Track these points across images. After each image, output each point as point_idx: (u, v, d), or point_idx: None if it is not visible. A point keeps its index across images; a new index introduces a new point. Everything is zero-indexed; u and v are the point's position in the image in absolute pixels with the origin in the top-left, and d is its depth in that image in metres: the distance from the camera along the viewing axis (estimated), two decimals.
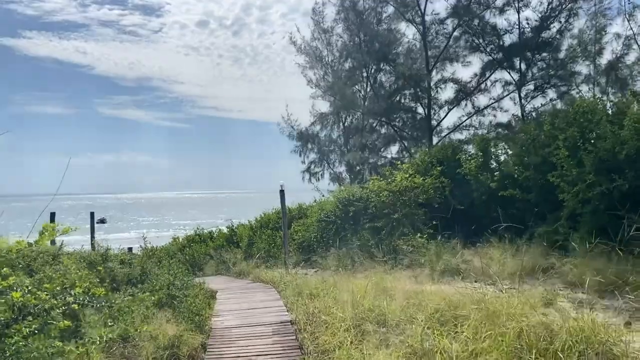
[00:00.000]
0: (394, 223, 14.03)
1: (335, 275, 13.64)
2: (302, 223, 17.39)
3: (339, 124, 35.12)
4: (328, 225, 15.39)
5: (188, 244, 20.27)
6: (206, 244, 19.44)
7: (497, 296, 8.79)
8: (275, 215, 20.34)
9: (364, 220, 14.55)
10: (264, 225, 19.92)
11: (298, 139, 35.57)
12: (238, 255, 17.02)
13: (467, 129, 23.41)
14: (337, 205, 15.34)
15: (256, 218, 21.18)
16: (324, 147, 35.27)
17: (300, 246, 16.24)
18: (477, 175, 14.91)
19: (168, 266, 14.00)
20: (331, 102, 35.13)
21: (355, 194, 15.26)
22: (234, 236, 19.31)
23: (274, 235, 17.94)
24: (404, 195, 14.60)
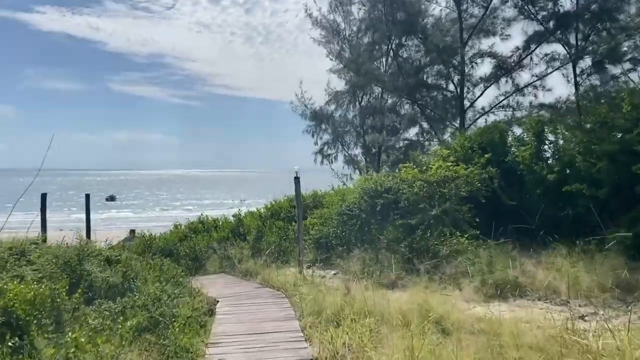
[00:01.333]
0: (431, 220, 11.51)
1: (359, 282, 11.22)
2: (318, 215, 14.89)
3: (355, 103, 32.50)
4: (350, 220, 12.89)
5: (190, 234, 17.89)
6: (210, 234, 17.04)
7: (598, 333, 6.36)
8: (287, 203, 17.86)
9: (394, 216, 12.03)
10: (275, 215, 17.45)
11: (311, 119, 33.00)
12: (245, 251, 14.58)
13: (505, 110, 20.72)
14: (362, 196, 12.80)
15: (266, 206, 18.72)
16: (339, 127, 32.71)
17: (316, 242, 13.77)
18: (530, 165, 12.34)
19: (160, 268, 11.59)
20: (347, 80, 32.47)
21: (383, 183, 12.71)
22: (240, 227, 16.91)
23: (286, 227, 15.48)
24: (442, 187, 12.06)
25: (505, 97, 20.42)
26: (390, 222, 11.95)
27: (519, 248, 10.76)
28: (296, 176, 13.08)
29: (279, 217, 17.24)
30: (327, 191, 18.63)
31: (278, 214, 17.47)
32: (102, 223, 76.85)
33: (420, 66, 23.21)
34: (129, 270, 10.26)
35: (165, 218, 78.36)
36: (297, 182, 13.09)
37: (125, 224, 76.49)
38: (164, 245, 17.40)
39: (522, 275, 9.90)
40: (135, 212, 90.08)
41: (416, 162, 14.42)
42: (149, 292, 8.77)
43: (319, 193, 18.45)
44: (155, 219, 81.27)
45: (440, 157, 13.58)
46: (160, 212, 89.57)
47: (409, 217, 11.77)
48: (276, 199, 19.22)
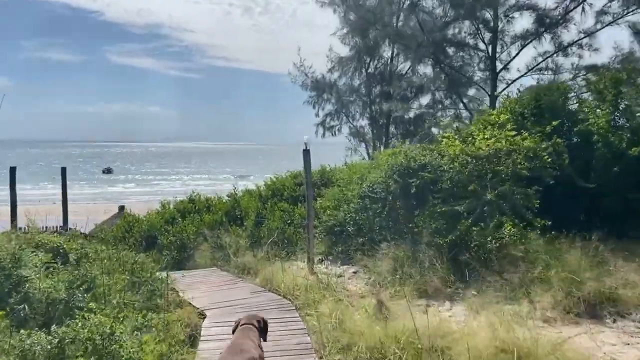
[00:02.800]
0: (485, 207, 8.67)
1: (390, 286, 8.43)
2: (330, 196, 11.94)
3: (361, 70, 29.40)
4: (374, 204, 9.95)
5: (178, 215, 15.00)
6: (201, 217, 14.14)
7: None
8: (291, 181, 14.93)
9: (433, 201, 9.14)
10: (277, 194, 14.54)
11: (312, 89, 29.92)
12: (242, 240, 11.71)
13: (541, 73, 17.74)
14: (390, 175, 9.86)
15: (265, 183, 15.80)
16: (344, 97, 29.68)
17: (329, 231, 10.91)
18: (606, 135, 9.44)
19: (132, 268, 8.69)
20: (352, 45, 29.31)
21: (417, 159, 9.75)
22: (236, 209, 13.99)
23: (290, 210, 12.62)
24: (496, 164, 9.16)
25: (545, 58, 17.39)
26: (428, 208, 9.08)
27: (607, 246, 7.94)
28: (305, 148, 10.18)
29: (281, 197, 14.34)
30: (338, 167, 15.73)
31: (280, 193, 14.57)
32: (96, 197, 74.02)
33: (447, 21, 19.85)
34: (82, 274, 7.38)
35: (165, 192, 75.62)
36: (307, 155, 10.18)
37: (123, 198, 73.72)
38: (148, 229, 14.55)
39: (623, 286, 7.12)
40: (132, 185, 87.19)
41: (454, 130, 11.50)
42: (102, 316, 5.92)
43: (327, 169, 15.52)
44: (153, 193, 78.47)
45: (488, 125, 10.59)
46: (158, 185, 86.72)
47: (453, 203, 8.90)
48: (277, 174, 16.33)
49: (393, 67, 28.53)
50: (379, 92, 29.21)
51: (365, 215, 10.03)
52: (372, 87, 29.12)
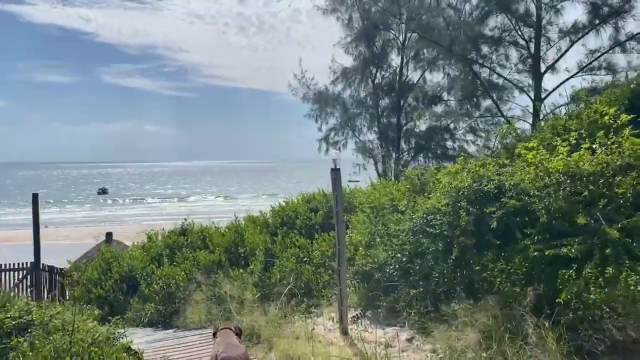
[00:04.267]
0: (606, 249, 5.83)
1: None
2: (362, 230, 8.96)
3: (367, 81, 26.70)
4: (432, 242, 7.02)
5: (167, 251, 11.99)
6: (194, 254, 11.09)
7: None
8: (304, 206, 11.99)
9: (524, 238, 6.22)
10: (287, 223, 11.60)
11: (315, 101, 27.22)
12: (247, 292, 8.68)
13: (596, 73, 14.96)
14: (455, 201, 6.96)
15: (273, 209, 12.88)
16: (349, 109, 26.96)
17: (365, 277, 8.00)
18: None
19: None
20: (357, 55, 26.66)
21: (492, 178, 6.78)
22: (239, 244, 10.98)
23: (308, 245, 9.73)
24: (608, 186, 6.32)
25: (601, 54, 14.63)
26: (518, 249, 6.21)
27: None
28: (334, 167, 7.31)
29: (293, 226, 11.41)
30: (358, 187, 12.85)
31: (292, 221, 11.64)
32: (89, 219, 70.80)
33: (481, 16, 16.94)
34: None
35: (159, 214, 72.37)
36: (337, 176, 7.30)
37: (117, 220, 70.46)
38: (129, 269, 11.55)
39: None
40: (127, 206, 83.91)
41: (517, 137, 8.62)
42: None
43: (345, 190, 12.62)
44: (147, 214, 75.24)
45: (565, 132, 7.75)
46: (154, 207, 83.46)
47: (555, 242, 6.04)
48: (287, 198, 13.42)
49: (403, 77, 25.91)
50: (388, 104, 26.56)
51: (419, 258, 7.12)
52: (379, 99, 26.45)
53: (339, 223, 7.18)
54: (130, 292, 11.16)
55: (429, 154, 25.54)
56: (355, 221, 9.76)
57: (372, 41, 26.00)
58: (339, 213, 7.15)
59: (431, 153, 25.28)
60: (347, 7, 26.27)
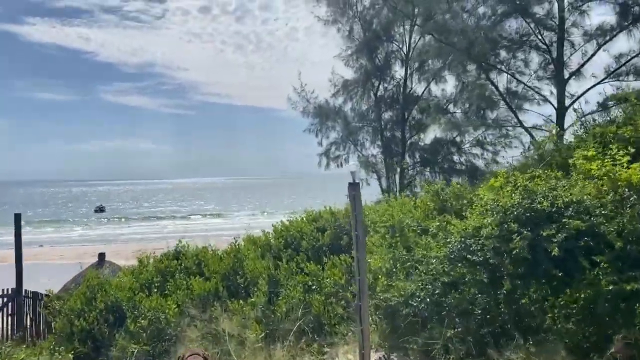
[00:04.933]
0: None
1: None
2: (383, 255, 7.63)
3: (369, 93, 25.62)
4: (473, 271, 5.64)
5: (159, 277, 10.62)
6: (187, 281, 9.73)
7: None
8: (309, 226, 10.71)
9: (592, 270, 4.89)
10: (292, 244, 10.29)
11: (315, 115, 26.08)
12: (249, 331, 7.32)
13: (623, 79, 13.77)
14: (504, 220, 5.48)
15: (275, 228, 11.57)
16: (351, 123, 25.81)
17: (390, 312, 6.69)
18: None
19: None
20: (358, 67, 25.61)
21: (548, 193, 5.40)
22: (238, 271, 9.22)
23: (318, 272, 8.43)
24: None
25: (630, 59, 13.47)
26: (586, 281, 4.94)
27: None
28: (353, 181, 6.07)
29: (298, 249, 10.13)
30: (371, 204, 11.59)
31: (297, 242, 10.36)
32: (85, 238, 69.25)
33: (499, 19, 15.66)
34: None
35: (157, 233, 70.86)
36: (356, 191, 6.03)
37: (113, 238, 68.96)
38: (115, 299, 10.20)
39: None
40: (124, 225, 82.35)
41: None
42: None
43: (368, 207, 11.29)
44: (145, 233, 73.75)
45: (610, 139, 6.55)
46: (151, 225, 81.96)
47: (628, 271, 4.80)
48: (290, 215, 12.13)
49: (407, 89, 24.81)
50: (391, 117, 25.43)
51: (455, 290, 5.85)
52: (382, 112, 25.32)
53: (359, 249, 5.91)
54: (117, 325, 9.81)
55: (435, 168, 24.38)
56: (370, 243, 8.48)
57: (375, 53, 24.97)
58: (360, 237, 5.89)
59: (438, 167, 24.10)
60: (348, 19, 25.28)
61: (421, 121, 24.70)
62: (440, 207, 8.81)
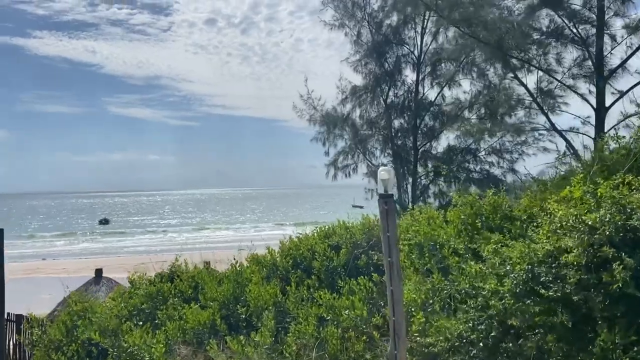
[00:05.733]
0: None
1: None
2: (417, 284, 6.13)
3: (379, 100, 24.27)
4: (547, 310, 4.17)
5: (149, 303, 9.17)
6: (182, 308, 8.27)
7: None
8: (322, 244, 9.27)
9: None
10: (301, 265, 8.88)
11: (322, 123, 24.74)
12: None
13: None
14: (591, 242, 4.09)
15: (282, 245, 10.12)
16: (360, 130, 24.45)
17: (429, 357, 5.26)
18: None
19: None
20: (367, 72, 24.30)
21: None
22: (239, 300, 7.58)
23: (334, 300, 6.99)
24: None
25: None
26: None
27: None
28: (385, 192, 4.63)
29: (309, 270, 8.72)
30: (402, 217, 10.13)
31: (307, 263, 8.95)
32: (88, 251, 67.93)
33: (528, 11, 14.11)
34: None
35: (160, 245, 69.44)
36: (389, 207, 4.59)
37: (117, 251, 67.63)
38: (98, 330, 8.78)
39: None
40: (128, 237, 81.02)
41: None
42: None
43: (371, 221, 9.84)
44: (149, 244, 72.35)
45: None
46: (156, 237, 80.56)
47: None
48: (298, 225, 10.72)
49: (419, 95, 23.46)
50: (402, 124, 24.05)
51: (520, 334, 4.41)
52: (393, 119, 23.95)
53: (394, 280, 4.48)
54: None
55: (450, 178, 22.96)
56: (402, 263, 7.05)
57: (384, 57, 23.68)
58: (395, 265, 4.46)
59: (452, 177, 22.68)
60: (356, 22, 24.02)
61: (434, 128, 23.34)
62: (475, 223, 7.39)
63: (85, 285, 22.77)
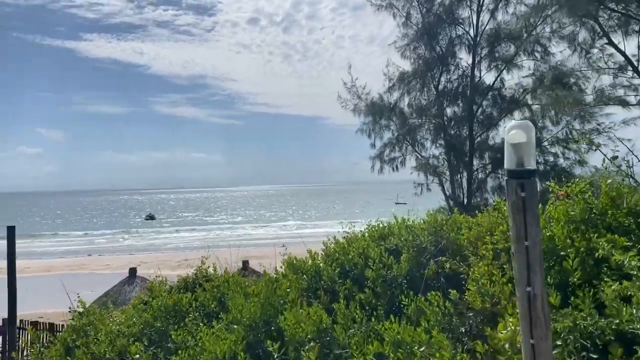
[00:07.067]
0: None
1: None
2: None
3: (429, 86, 22.00)
4: None
5: (164, 319, 7.39)
6: (200, 328, 6.42)
7: None
8: (377, 249, 7.20)
9: None
10: (353, 274, 6.89)
11: (367, 113, 22.68)
12: None
13: None
14: None
15: (326, 247, 8.09)
16: (409, 119, 22.25)
17: None
18: None
19: None
20: (417, 57, 22.10)
21: None
22: (272, 324, 5.79)
23: (402, 335, 5.03)
24: None
25: None
26: None
27: None
28: (519, 168, 2.65)
29: (361, 280, 6.66)
30: (480, 212, 7.95)
31: (359, 271, 6.92)
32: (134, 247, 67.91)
33: None
34: None
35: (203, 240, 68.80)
36: (530, 190, 2.63)
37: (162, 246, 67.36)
38: (98, 354, 7.00)
39: None
40: (173, 232, 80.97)
41: None
42: None
43: (460, 218, 7.46)
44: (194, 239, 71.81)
45: None
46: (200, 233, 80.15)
47: None
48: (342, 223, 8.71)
49: (475, 78, 21.07)
50: (456, 112, 21.70)
51: None
52: (445, 107, 21.63)
53: (536, 328, 2.43)
54: None
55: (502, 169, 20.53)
56: (479, 277, 4.92)
57: (436, 39, 21.41)
58: (538, 300, 2.40)
59: None
60: (406, 2, 21.81)
61: (491, 116, 20.91)
62: (594, 219, 5.20)
63: (119, 285, 21.47)
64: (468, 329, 5.40)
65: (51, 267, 47.56)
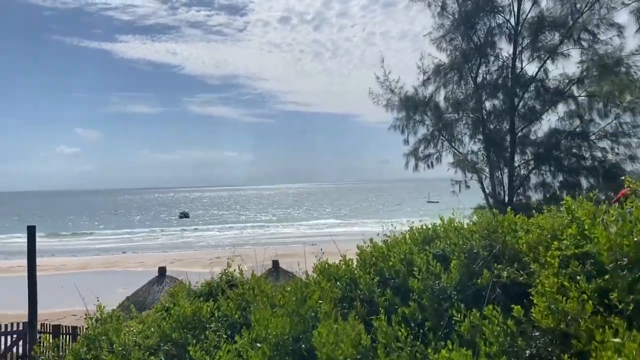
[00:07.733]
0: None
1: None
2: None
3: (467, 79, 20.82)
4: None
5: (171, 345, 6.57)
6: (221, 339, 5.58)
7: None
8: (421, 253, 6.31)
9: None
10: (394, 283, 5.98)
11: (401, 108, 21.65)
12: None
13: None
14: None
15: (361, 251, 7.17)
16: (445, 114, 21.14)
17: None
18: None
19: None
20: (453, 48, 20.97)
21: None
22: (302, 341, 4.86)
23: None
24: None
25: None
26: None
27: None
28: None
29: (404, 290, 5.75)
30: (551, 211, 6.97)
31: (400, 279, 6.02)
32: (168, 244, 68.21)
33: None
34: None
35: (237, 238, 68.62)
36: None
37: (196, 243, 67.50)
38: None
39: None
40: (207, 230, 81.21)
41: None
42: None
43: (517, 220, 6.53)
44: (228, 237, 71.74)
45: None
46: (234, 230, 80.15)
47: None
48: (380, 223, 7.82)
49: (516, 70, 19.82)
50: (495, 105, 20.49)
51: None
52: (484, 100, 20.44)
53: None
54: None
55: (551, 168, 19.23)
56: (549, 289, 3.97)
57: (474, 29, 20.23)
58: None
59: (557, 165, 18.95)
60: None
61: (534, 109, 19.63)
62: None
63: (147, 284, 20.99)
64: (534, 352, 4.47)
65: (87, 265, 48.00)
